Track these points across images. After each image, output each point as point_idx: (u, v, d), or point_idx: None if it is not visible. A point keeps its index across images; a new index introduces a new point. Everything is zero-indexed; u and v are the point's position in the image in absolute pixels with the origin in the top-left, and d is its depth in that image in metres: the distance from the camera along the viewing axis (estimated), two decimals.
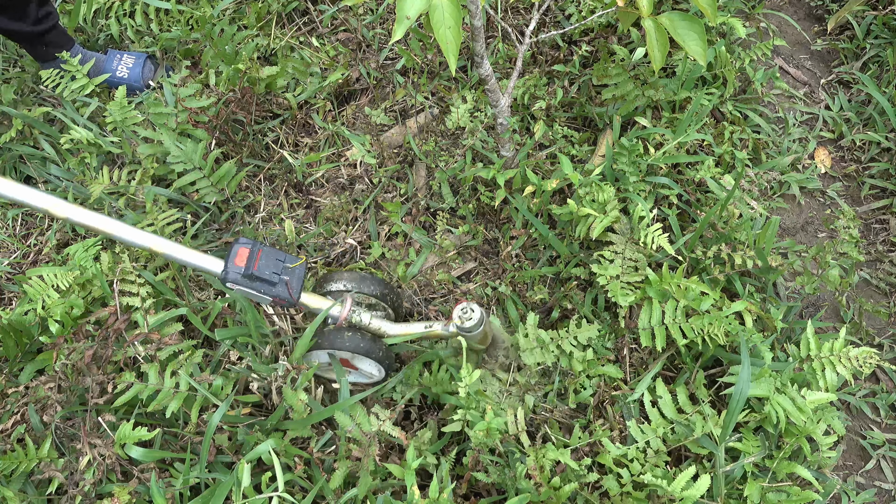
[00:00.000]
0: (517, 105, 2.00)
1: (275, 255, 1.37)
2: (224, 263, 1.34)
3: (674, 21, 1.37)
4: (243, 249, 1.35)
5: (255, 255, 1.35)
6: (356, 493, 1.28)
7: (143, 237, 1.33)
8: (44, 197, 1.26)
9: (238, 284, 1.34)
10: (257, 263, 1.34)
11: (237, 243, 1.36)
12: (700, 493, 1.19)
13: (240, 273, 1.33)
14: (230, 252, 1.35)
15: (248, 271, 1.33)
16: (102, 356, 1.38)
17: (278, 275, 1.36)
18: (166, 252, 1.34)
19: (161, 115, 1.83)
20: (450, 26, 1.15)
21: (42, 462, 1.30)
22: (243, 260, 1.33)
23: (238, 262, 1.33)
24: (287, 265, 1.38)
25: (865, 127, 2.05)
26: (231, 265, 1.33)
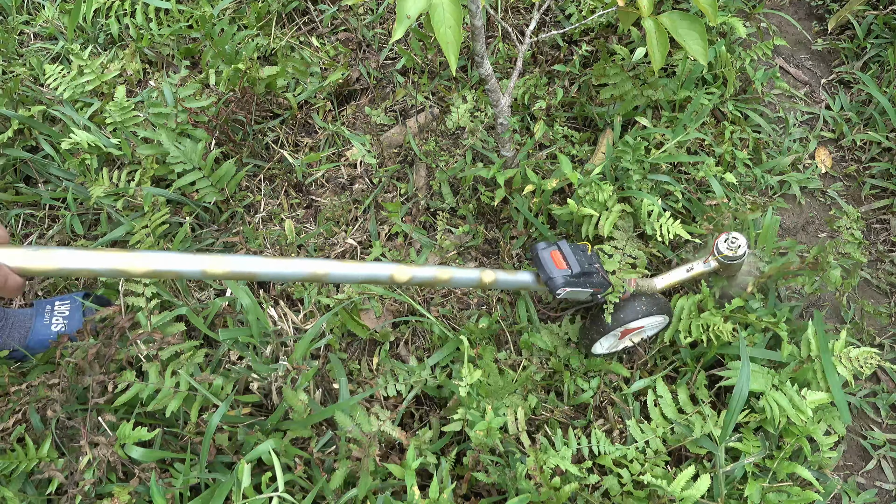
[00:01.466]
0: (517, 105, 1.99)
1: (572, 248, 1.35)
2: (543, 274, 1.31)
3: (674, 21, 1.37)
4: (554, 253, 1.33)
5: (565, 255, 1.33)
6: (356, 493, 1.28)
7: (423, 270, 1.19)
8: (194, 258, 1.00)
9: (569, 287, 1.30)
10: (574, 260, 1.32)
11: (542, 250, 1.33)
12: (700, 494, 1.19)
13: (569, 275, 1.30)
14: (542, 261, 1.31)
15: (576, 270, 1.30)
16: (105, 355, 1.38)
17: (590, 263, 1.35)
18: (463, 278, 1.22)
19: (161, 115, 1.83)
20: (450, 26, 1.15)
21: (42, 462, 1.30)
22: (562, 263, 1.31)
23: (560, 266, 1.30)
24: (584, 251, 1.38)
25: (866, 127, 2.05)
26: (557, 271, 1.29)
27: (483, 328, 1.57)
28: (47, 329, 1.51)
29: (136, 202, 1.81)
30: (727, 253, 1.41)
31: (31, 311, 1.54)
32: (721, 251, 1.42)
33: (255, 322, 1.47)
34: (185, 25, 2.24)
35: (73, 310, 1.56)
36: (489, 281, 1.23)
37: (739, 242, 1.42)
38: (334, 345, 1.56)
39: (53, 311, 1.55)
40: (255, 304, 1.50)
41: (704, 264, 1.47)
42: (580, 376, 1.53)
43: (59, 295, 1.66)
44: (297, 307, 1.70)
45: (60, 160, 1.97)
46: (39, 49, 2.35)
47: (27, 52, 2.32)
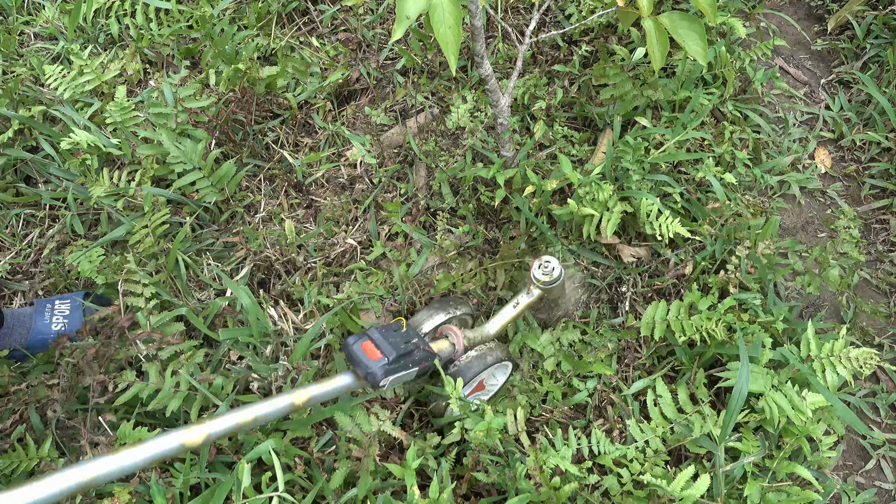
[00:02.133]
0: (517, 105, 2.00)
1: (383, 333, 1.25)
2: (360, 369, 1.19)
3: (674, 21, 1.37)
4: (365, 344, 1.22)
5: (377, 343, 1.22)
6: (356, 493, 1.28)
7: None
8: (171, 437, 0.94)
9: (391, 375, 1.19)
10: (387, 345, 1.22)
11: (352, 345, 1.22)
12: (700, 493, 1.19)
13: (386, 363, 1.19)
14: (355, 356, 1.20)
15: (392, 356, 1.20)
16: (104, 354, 1.38)
17: (407, 342, 1.25)
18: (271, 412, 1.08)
19: (161, 115, 1.84)
20: (450, 26, 1.15)
21: (42, 462, 1.30)
22: (376, 352, 1.21)
23: (374, 357, 1.20)
24: (398, 330, 1.28)
25: (865, 127, 2.05)
26: (373, 363, 1.18)
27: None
28: (48, 328, 1.52)
29: (136, 202, 1.81)
30: (544, 278, 1.41)
31: (31, 310, 1.54)
32: (538, 278, 1.41)
33: (255, 322, 1.47)
34: (185, 25, 2.24)
35: (73, 309, 1.56)
36: (302, 402, 1.11)
37: (552, 265, 1.41)
38: (334, 345, 1.56)
39: (54, 310, 1.54)
40: (255, 304, 1.50)
41: (528, 295, 1.46)
42: (574, 377, 1.53)
43: (59, 294, 1.66)
44: (298, 307, 1.70)
45: (60, 160, 1.97)
46: (40, 49, 2.35)
47: (27, 52, 2.32)
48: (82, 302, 1.56)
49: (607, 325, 1.61)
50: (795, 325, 1.56)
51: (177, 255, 1.65)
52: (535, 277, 1.42)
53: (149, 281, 1.55)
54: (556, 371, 1.54)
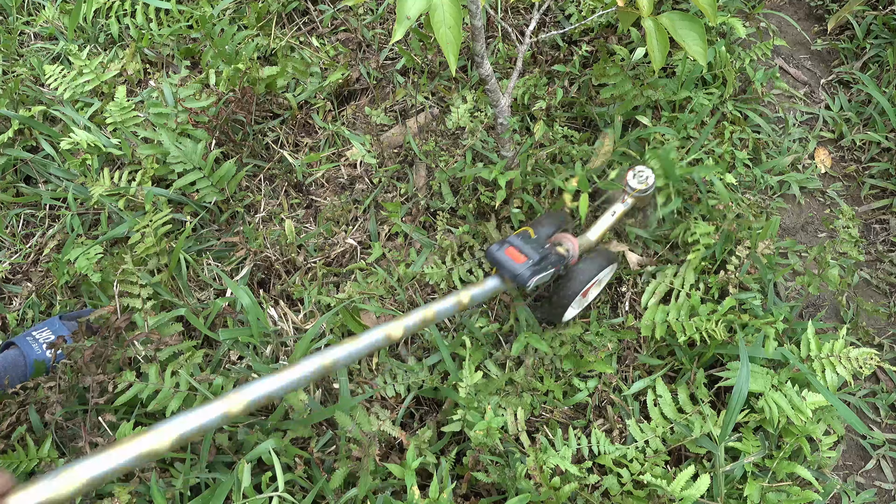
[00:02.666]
0: (517, 105, 2.00)
1: (522, 240, 1.39)
2: (507, 272, 1.33)
3: (674, 21, 1.37)
4: (509, 250, 1.36)
5: (519, 248, 1.37)
6: (356, 493, 1.28)
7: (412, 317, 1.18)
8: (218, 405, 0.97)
9: (536, 276, 1.33)
10: (528, 249, 1.36)
11: (497, 251, 1.36)
12: (700, 493, 1.19)
13: (532, 264, 1.33)
14: (501, 261, 1.34)
15: (535, 258, 1.34)
16: (102, 355, 1.38)
17: (542, 247, 1.39)
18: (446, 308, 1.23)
19: (161, 115, 1.84)
20: (450, 26, 1.15)
21: (42, 462, 1.30)
22: (520, 256, 1.35)
23: (520, 260, 1.34)
24: (529, 237, 1.41)
25: (865, 127, 2.05)
26: (520, 266, 1.32)
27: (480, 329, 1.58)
28: (44, 356, 1.50)
29: (136, 202, 1.81)
30: (639, 187, 1.53)
31: (19, 351, 1.49)
32: (633, 187, 1.54)
33: (255, 322, 1.47)
34: (185, 25, 2.24)
35: (56, 331, 1.55)
36: (467, 301, 1.26)
37: (647, 174, 1.55)
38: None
39: (38, 340, 1.53)
40: (255, 304, 1.50)
41: (623, 204, 1.57)
42: (575, 377, 1.53)
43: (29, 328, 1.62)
44: (298, 307, 1.70)
45: (61, 160, 1.98)
46: (40, 49, 2.35)
47: (27, 52, 2.32)
48: (62, 324, 1.55)
49: (607, 325, 1.61)
50: (795, 325, 1.56)
51: (180, 254, 1.65)
52: (629, 186, 1.55)
53: (148, 281, 1.55)
54: (557, 368, 1.54)
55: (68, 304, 1.71)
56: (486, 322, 1.62)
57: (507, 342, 1.62)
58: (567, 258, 1.44)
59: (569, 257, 1.45)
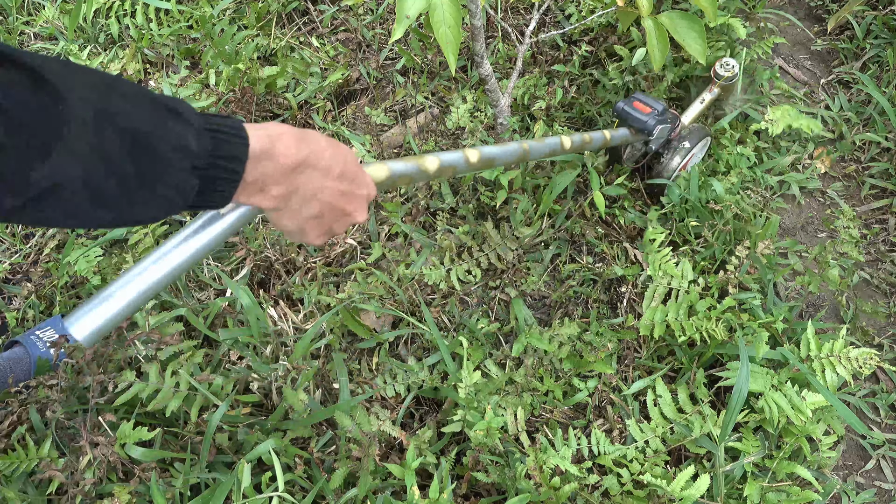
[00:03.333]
0: (517, 105, 2.00)
1: (645, 95, 1.59)
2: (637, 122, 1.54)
3: (674, 20, 1.37)
4: (636, 103, 1.56)
5: (644, 101, 1.57)
6: (356, 493, 1.28)
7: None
8: None
9: (659, 126, 1.55)
10: (652, 101, 1.56)
11: (626, 104, 1.56)
12: (700, 493, 1.19)
13: (657, 113, 1.54)
14: (631, 113, 1.55)
15: (661, 107, 1.55)
16: (103, 354, 1.38)
17: (660, 103, 1.57)
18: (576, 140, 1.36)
19: None
20: (450, 25, 1.15)
21: (42, 462, 1.30)
22: (646, 107, 1.55)
23: (646, 111, 1.54)
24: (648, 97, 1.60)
25: (865, 127, 2.05)
26: (647, 116, 1.53)
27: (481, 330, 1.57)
28: (48, 354, 1.51)
29: None
30: (726, 75, 1.72)
31: (23, 349, 1.50)
32: (721, 75, 1.74)
33: (255, 322, 1.47)
34: (185, 25, 2.24)
35: (59, 331, 1.54)
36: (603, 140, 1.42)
37: (732, 63, 1.74)
38: (335, 344, 1.56)
39: (42, 339, 1.53)
40: (255, 304, 1.50)
41: (710, 93, 1.78)
42: (575, 377, 1.53)
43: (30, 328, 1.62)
44: (298, 307, 1.70)
45: None
46: (40, 49, 2.35)
47: None
48: (62, 318, 1.55)
49: (607, 324, 1.60)
50: (795, 325, 1.56)
51: None
52: (717, 75, 1.74)
53: None
54: (557, 368, 1.54)
55: (68, 304, 1.71)
56: (487, 322, 1.62)
57: (507, 342, 1.62)
58: (679, 119, 1.65)
59: (675, 129, 1.64)
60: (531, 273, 1.71)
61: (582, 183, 1.87)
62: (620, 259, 1.73)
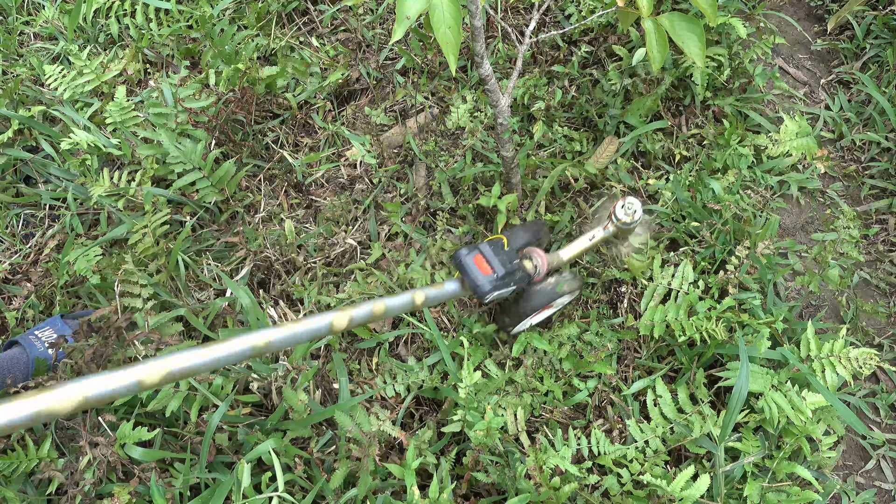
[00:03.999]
0: (517, 105, 2.00)
1: (493, 249, 1.35)
2: (469, 281, 1.29)
3: (673, 21, 1.37)
4: (477, 258, 1.32)
5: (488, 258, 1.33)
6: (356, 493, 1.28)
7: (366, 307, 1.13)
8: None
9: (496, 291, 1.31)
10: (497, 261, 1.33)
11: (465, 256, 1.31)
12: (700, 493, 1.19)
13: (495, 279, 1.30)
14: (467, 268, 1.30)
15: (501, 272, 1.31)
16: (102, 355, 1.38)
17: (511, 261, 1.36)
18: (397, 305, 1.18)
19: (161, 115, 1.84)
20: (450, 26, 1.15)
21: (42, 462, 1.30)
22: (487, 267, 1.31)
23: (486, 272, 1.30)
24: (502, 247, 1.38)
25: (865, 127, 2.05)
26: (483, 278, 1.29)
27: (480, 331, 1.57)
28: (46, 354, 1.50)
29: (136, 202, 1.81)
30: (624, 219, 1.51)
31: (21, 349, 1.49)
32: (619, 217, 1.51)
33: (255, 322, 1.47)
34: (185, 25, 2.24)
35: (58, 331, 1.54)
36: (421, 301, 1.22)
37: (635, 207, 1.51)
38: (334, 344, 1.56)
39: (40, 339, 1.52)
40: (255, 304, 1.50)
41: (604, 230, 1.55)
42: (575, 377, 1.53)
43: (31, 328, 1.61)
44: (298, 307, 1.70)
45: (60, 160, 1.98)
46: (40, 49, 2.35)
47: (27, 52, 2.32)
48: (64, 323, 1.55)
49: (607, 324, 1.61)
50: (795, 325, 1.56)
51: (178, 255, 1.65)
52: (615, 216, 1.52)
53: (148, 281, 1.55)
54: (557, 368, 1.54)
55: (68, 304, 1.71)
56: (484, 324, 1.62)
57: (507, 342, 1.62)
58: (532, 275, 1.41)
59: (534, 273, 1.42)
60: None
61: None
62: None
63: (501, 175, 1.78)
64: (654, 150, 1.88)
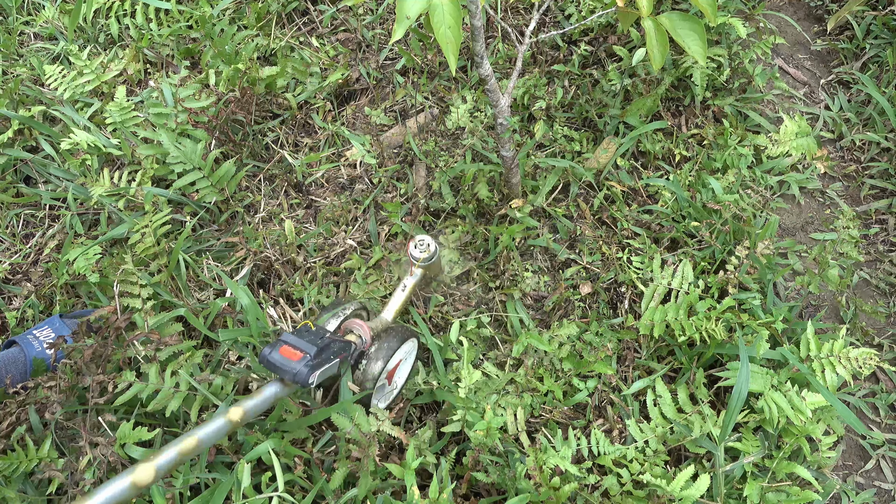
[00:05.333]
0: (517, 105, 2.00)
1: (297, 336, 1.27)
2: (286, 374, 1.19)
3: (673, 21, 1.37)
4: (283, 349, 1.23)
5: (294, 344, 1.24)
6: (356, 493, 1.28)
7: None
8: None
9: (318, 369, 1.21)
10: (304, 343, 1.24)
11: (269, 354, 1.22)
12: (699, 493, 1.19)
13: (310, 359, 1.21)
14: (276, 363, 1.20)
15: (313, 351, 1.22)
16: (102, 355, 1.38)
17: (321, 338, 1.27)
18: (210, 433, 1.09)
19: (161, 115, 1.84)
20: (450, 26, 1.15)
21: (42, 462, 1.30)
22: (296, 353, 1.22)
23: (296, 357, 1.21)
24: (309, 331, 1.30)
25: (865, 127, 2.05)
26: (296, 364, 1.20)
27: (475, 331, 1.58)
28: (44, 354, 1.49)
29: (136, 201, 1.81)
30: (422, 256, 1.50)
31: (19, 349, 1.48)
32: (416, 257, 1.50)
33: (255, 322, 1.47)
34: (185, 26, 2.24)
35: (56, 330, 1.54)
36: (238, 417, 1.12)
37: (427, 241, 1.52)
38: None
39: (39, 339, 1.51)
40: (255, 304, 1.50)
41: (412, 276, 1.54)
42: (575, 377, 1.53)
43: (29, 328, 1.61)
44: (298, 307, 1.70)
45: (60, 160, 1.97)
46: (40, 49, 2.35)
47: (27, 52, 2.32)
48: (63, 322, 1.54)
49: (607, 325, 1.61)
50: (795, 325, 1.56)
51: (179, 255, 1.65)
52: (413, 257, 1.50)
53: (147, 281, 1.55)
54: (557, 368, 1.54)
55: (68, 304, 1.71)
56: (476, 324, 1.62)
57: (506, 343, 1.62)
58: (359, 345, 1.37)
59: (361, 344, 1.38)
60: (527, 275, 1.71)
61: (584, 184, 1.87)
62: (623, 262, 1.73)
63: (501, 175, 1.78)
64: (654, 150, 1.89)
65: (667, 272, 1.60)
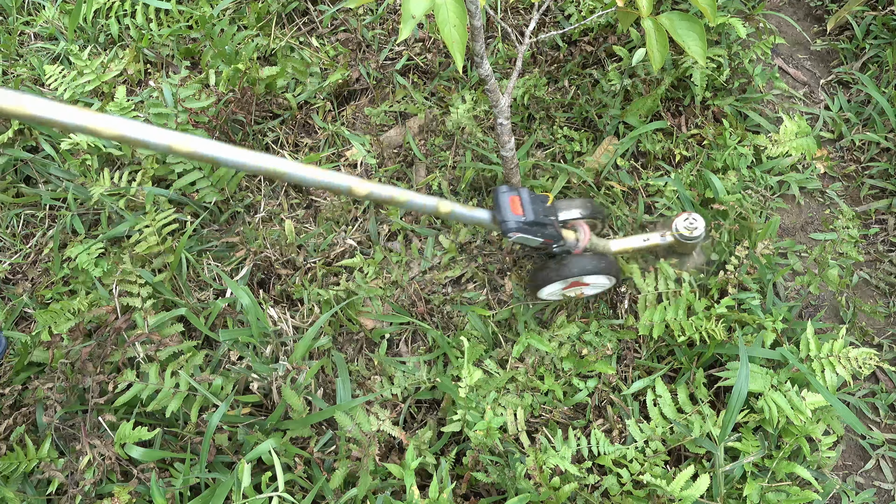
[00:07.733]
0: (517, 105, 2.00)
1: (532, 197, 1.35)
2: (499, 215, 1.29)
3: (673, 21, 1.37)
4: (514, 198, 1.33)
5: (524, 202, 1.33)
6: (356, 492, 1.28)
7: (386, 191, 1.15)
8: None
9: (521, 232, 1.31)
10: (531, 209, 1.33)
11: (503, 193, 1.32)
12: (699, 493, 1.19)
13: (522, 221, 1.30)
14: (500, 203, 1.30)
15: (530, 218, 1.31)
16: (100, 355, 1.38)
17: (546, 215, 1.35)
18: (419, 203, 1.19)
19: (161, 115, 1.84)
20: (455, 24, 1.15)
21: (42, 462, 1.30)
22: (519, 209, 1.31)
23: (517, 212, 1.31)
24: (544, 203, 1.37)
25: (865, 127, 2.05)
26: (512, 216, 1.29)
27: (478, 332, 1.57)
28: None
29: (137, 202, 1.81)
30: (683, 232, 1.47)
31: None
32: (678, 230, 1.48)
33: (255, 322, 1.48)
34: (185, 26, 2.24)
35: None
36: (446, 211, 1.22)
37: (697, 224, 1.47)
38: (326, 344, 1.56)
39: None
40: (255, 304, 1.50)
41: (661, 238, 1.51)
42: (575, 377, 1.53)
43: None
44: (298, 307, 1.70)
45: (61, 160, 1.98)
46: (40, 49, 2.35)
47: (27, 52, 2.32)
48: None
49: (607, 325, 1.61)
50: (795, 325, 1.56)
51: (182, 254, 1.65)
52: (676, 227, 1.48)
53: (148, 280, 1.55)
54: (557, 368, 1.54)
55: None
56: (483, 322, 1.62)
57: (508, 341, 1.62)
58: (570, 244, 1.42)
59: (573, 244, 1.42)
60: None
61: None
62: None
63: (501, 175, 1.78)
64: (654, 151, 1.89)
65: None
